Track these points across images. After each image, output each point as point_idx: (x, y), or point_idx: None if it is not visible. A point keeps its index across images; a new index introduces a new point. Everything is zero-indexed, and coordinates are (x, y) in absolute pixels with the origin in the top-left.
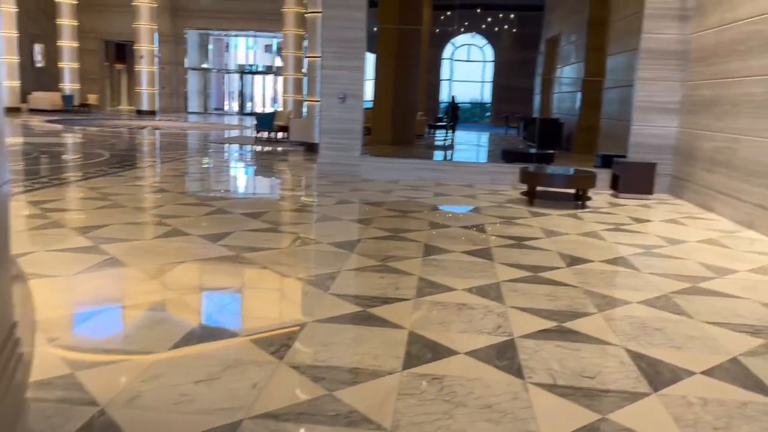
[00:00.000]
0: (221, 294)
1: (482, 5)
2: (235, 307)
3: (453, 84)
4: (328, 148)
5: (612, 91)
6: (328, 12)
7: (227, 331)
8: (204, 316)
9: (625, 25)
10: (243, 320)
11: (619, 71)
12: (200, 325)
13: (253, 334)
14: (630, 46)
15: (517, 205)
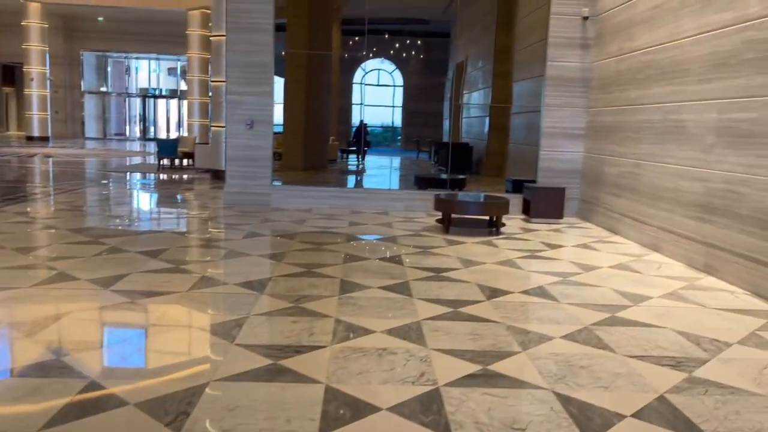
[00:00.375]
0: (109, 351)
1: (390, 31)
2: (125, 367)
3: (364, 108)
4: (236, 177)
5: (519, 117)
6: (233, 36)
7: (114, 398)
8: (86, 380)
9: (530, 53)
10: (133, 382)
11: (526, 97)
12: (81, 393)
13: (144, 400)
14: (535, 72)
15: (432, 233)
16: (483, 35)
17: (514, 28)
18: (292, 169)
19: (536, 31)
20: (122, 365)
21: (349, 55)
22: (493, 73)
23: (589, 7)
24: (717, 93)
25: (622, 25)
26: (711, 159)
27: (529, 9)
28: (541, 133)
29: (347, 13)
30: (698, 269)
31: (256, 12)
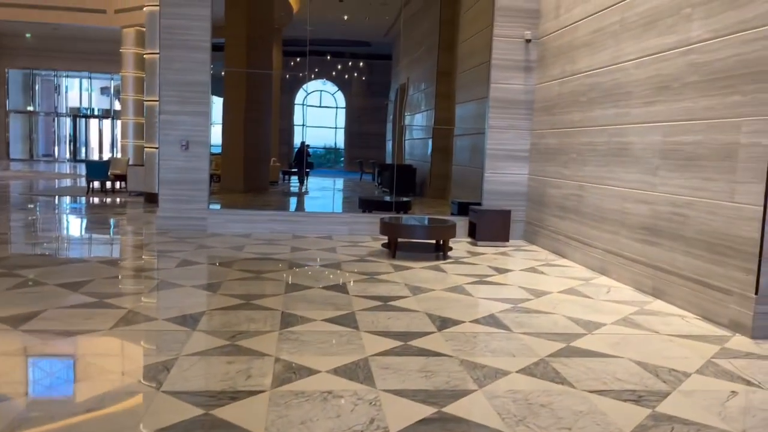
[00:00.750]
0: (8, 405)
1: (332, 53)
2: (27, 426)
3: (306, 129)
4: (170, 200)
5: (462, 139)
6: (167, 53)
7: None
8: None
9: (472, 76)
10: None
11: (469, 119)
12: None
13: None
14: (478, 95)
15: (378, 259)
16: (425, 57)
17: (456, 50)
18: (232, 191)
19: (478, 54)
20: (23, 421)
21: (290, 75)
22: (436, 95)
23: (531, 31)
24: (661, 115)
25: (563, 48)
26: (656, 181)
27: (470, 32)
28: (485, 155)
29: (288, 33)
30: (646, 293)
31: (193, 29)
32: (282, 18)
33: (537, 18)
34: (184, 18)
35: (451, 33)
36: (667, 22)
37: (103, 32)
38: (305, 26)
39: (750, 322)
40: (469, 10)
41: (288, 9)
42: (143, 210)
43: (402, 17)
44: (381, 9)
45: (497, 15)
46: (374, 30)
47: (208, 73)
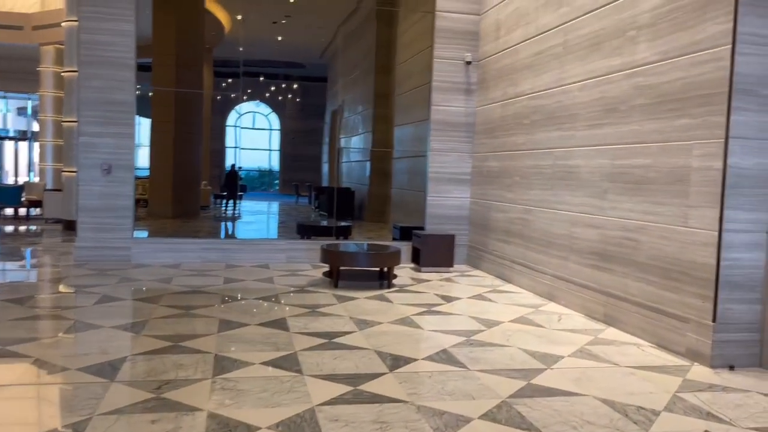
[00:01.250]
0: None
1: (265, 74)
2: None
3: (239, 151)
4: (90, 229)
5: (401, 162)
6: (88, 70)
7: None
8: None
9: (410, 98)
10: None
11: (408, 142)
12: None
13: None
14: (417, 117)
15: (320, 289)
16: (361, 80)
17: (393, 72)
18: (160, 216)
19: (416, 76)
20: None
21: (222, 96)
22: (373, 118)
23: (472, 53)
24: (608, 138)
25: (505, 70)
26: (605, 205)
27: (407, 54)
28: (427, 178)
29: (220, 54)
30: (598, 320)
31: (116, 45)
32: (213, 37)
33: (477, 40)
34: (105, 33)
35: (388, 55)
36: (612, 44)
37: (20, 50)
38: (237, 46)
39: (708, 351)
40: (405, 33)
41: (219, 28)
42: (61, 239)
43: (337, 39)
44: (316, 31)
45: (437, 36)
46: (309, 51)
47: (133, 92)
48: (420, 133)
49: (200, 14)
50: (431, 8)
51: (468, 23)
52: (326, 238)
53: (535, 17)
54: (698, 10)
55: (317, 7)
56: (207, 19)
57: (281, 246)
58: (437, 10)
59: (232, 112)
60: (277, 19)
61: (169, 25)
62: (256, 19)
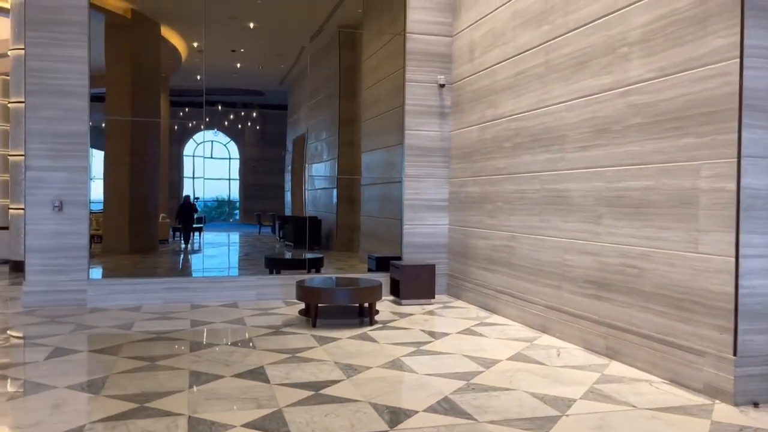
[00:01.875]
0: None
1: (223, 102)
2: None
3: (197, 182)
4: (40, 272)
5: (371, 188)
6: (35, 100)
7: None
8: None
9: (379, 123)
10: None
11: (377, 168)
12: None
13: None
14: (386, 142)
15: (297, 329)
16: (325, 106)
17: (358, 98)
18: (116, 253)
19: (384, 101)
20: None
21: (179, 126)
22: (339, 144)
23: (445, 75)
24: (602, 160)
25: (481, 92)
26: (601, 231)
27: (373, 79)
28: (402, 205)
29: (176, 82)
30: (599, 353)
31: (66, 72)
32: (169, 65)
33: (450, 62)
34: (55, 60)
35: (353, 80)
36: (601, 62)
37: None
38: (194, 75)
39: (731, 387)
40: (370, 58)
41: (176, 56)
42: (8, 282)
43: (298, 66)
44: (275, 58)
45: (408, 59)
46: (268, 79)
47: (86, 122)
48: (390, 158)
49: (156, 41)
50: (401, 30)
51: (440, 45)
52: (297, 271)
53: (513, 37)
54: (697, 24)
55: (276, 33)
56: (163, 46)
57: (250, 282)
58: (408, 32)
59: (189, 141)
60: (235, 47)
61: (123, 52)
62: (214, 47)
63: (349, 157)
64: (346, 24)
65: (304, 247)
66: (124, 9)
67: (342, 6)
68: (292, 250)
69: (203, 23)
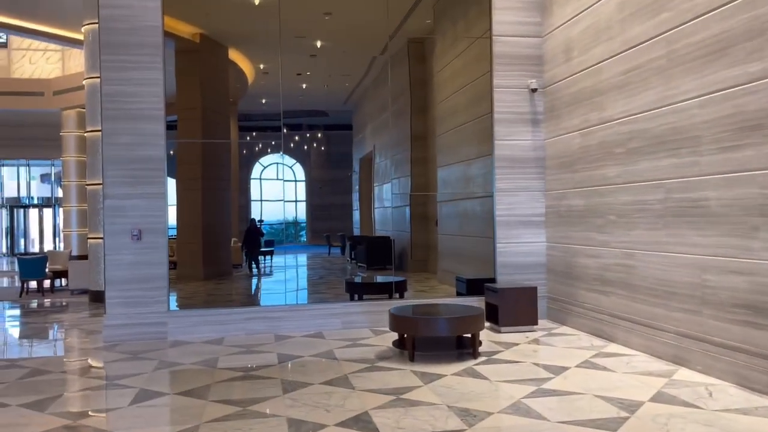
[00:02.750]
0: None
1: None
2: None
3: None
4: (119, 304)
5: (448, 205)
6: (112, 125)
7: None
8: None
9: (455, 136)
10: None
11: (455, 183)
12: None
13: None
14: (466, 155)
15: (394, 364)
16: (393, 123)
17: (430, 112)
18: (190, 279)
19: (464, 112)
20: None
21: (246, 150)
22: (411, 161)
23: (536, 78)
24: (752, 162)
25: (583, 94)
26: (755, 246)
27: (448, 91)
28: (495, 222)
29: (243, 107)
30: (761, 392)
31: (142, 96)
32: (236, 90)
33: (540, 64)
34: (130, 83)
35: (424, 94)
36: (744, 48)
37: (42, 116)
38: (260, 98)
39: None
40: (444, 68)
41: (243, 80)
42: (88, 314)
43: (363, 85)
44: (340, 78)
45: (496, 64)
46: (333, 99)
47: (163, 146)
48: (471, 172)
49: (224, 65)
50: (483, 34)
51: (529, 47)
52: (380, 296)
53: (621, 30)
54: None
55: (342, 51)
56: (231, 69)
57: (334, 310)
58: (494, 34)
59: (256, 164)
60: (301, 68)
61: (192, 78)
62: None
63: (422, 175)
64: (414, 38)
65: (377, 269)
66: (192, 33)
67: (411, 17)
68: (366, 272)
69: (279, 40)
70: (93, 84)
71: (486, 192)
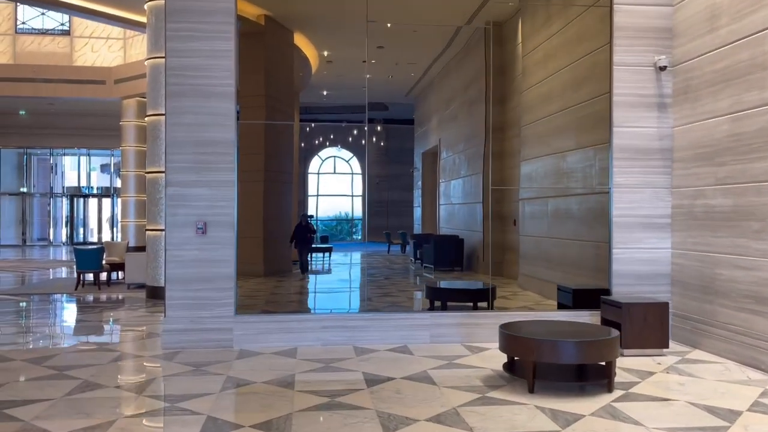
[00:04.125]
0: None
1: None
2: None
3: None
4: (180, 306)
5: (534, 203)
6: (176, 103)
7: None
8: None
9: (547, 126)
10: None
11: (541, 178)
12: None
13: None
14: (559, 147)
15: (511, 396)
16: (463, 114)
17: (510, 102)
18: (250, 275)
19: (558, 98)
20: None
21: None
22: (485, 155)
23: (666, 54)
24: None
25: (734, 71)
26: None
27: (540, 75)
28: (611, 223)
29: (306, 98)
30: None
31: (211, 69)
32: (299, 79)
33: (669, 38)
34: (198, 55)
35: (502, 82)
36: None
37: (102, 105)
38: (322, 90)
39: None
40: (532, 52)
41: (306, 68)
42: (144, 311)
43: (430, 73)
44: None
45: (617, 37)
46: (394, 91)
47: (233, 128)
48: (566, 166)
49: (290, 50)
50: (606, 2)
51: (658, 17)
52: (465, 302)
53: None
54: None
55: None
56: (296, 56)
57: (422, 321)
58: (616, 2)
59: (314, 158)
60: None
61: (257, 63)
62: (345, 56)
63: (498, 170)
64: (495, 20)
65: (445, 270)
66: (256, 15)
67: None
68: (432, 273)
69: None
70: (155, 65)
71: (586, 188)
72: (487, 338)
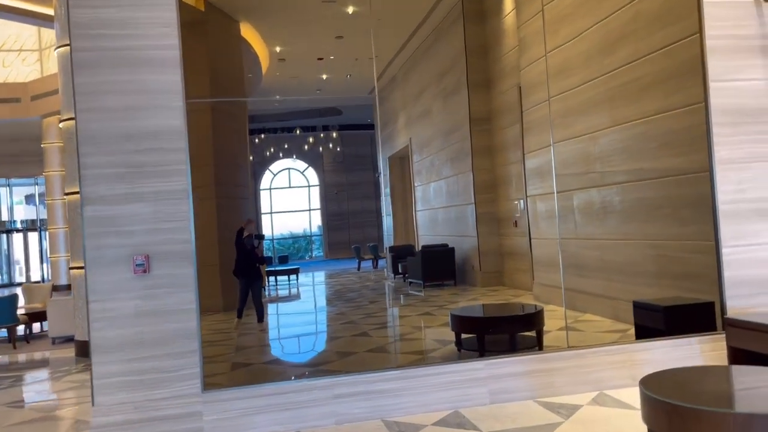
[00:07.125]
0: None
1: (302, 127)
2: None
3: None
4: (118, 386)
5: (546, 199)
6: (89, 78)
7: None
8: None
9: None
10: None
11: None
12: None
13: None
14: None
15: None
16: (437, 108)
17: (499, 85)
18: (207, 311)
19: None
20: None
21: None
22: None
23: None
24: None
25: None
26: None
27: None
28: (716, 211)
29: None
30: None
31: (143, 24)
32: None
33: None
34: (120, 3)
35: (484, 66)
36: None
37: (21, 126)
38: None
39: None
40: (530, 21)
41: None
42: (72, 377)
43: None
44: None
45: None
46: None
47: (181, 110)
48: (597, 150)
49: (236, 42)
50: None
51: None
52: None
53: None
54: None
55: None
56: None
57: (475, 372)
58: None
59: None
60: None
61: (199, 57)
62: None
63: (488, 169)
64: None
65: (438, 286)
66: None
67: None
68: (422, 289)
69: None
70: (67, 53)
71: (630, 175)
72: (567, 388)
